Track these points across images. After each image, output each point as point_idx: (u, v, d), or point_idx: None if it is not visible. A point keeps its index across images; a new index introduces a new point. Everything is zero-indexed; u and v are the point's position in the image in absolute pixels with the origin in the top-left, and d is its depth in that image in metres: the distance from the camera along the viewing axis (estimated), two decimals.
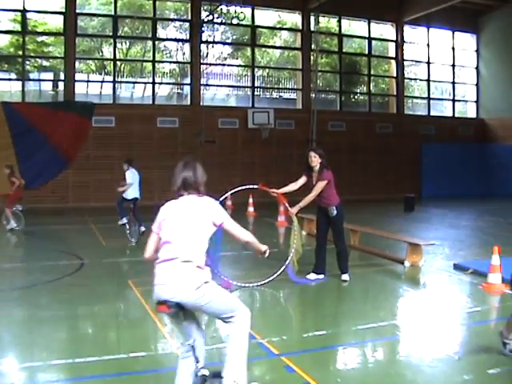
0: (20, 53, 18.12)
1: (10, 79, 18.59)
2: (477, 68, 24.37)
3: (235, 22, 17.59)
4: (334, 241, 7.48)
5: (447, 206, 18.16)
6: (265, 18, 21.36)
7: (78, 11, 18.34)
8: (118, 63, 19.76)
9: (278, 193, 7.31)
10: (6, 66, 18.67)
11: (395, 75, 22.86)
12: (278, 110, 20.19)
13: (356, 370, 4.50)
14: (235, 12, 17.15)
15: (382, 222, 13.40)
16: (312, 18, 20.97)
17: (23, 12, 17.80)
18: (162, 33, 20.15)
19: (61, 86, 18.64)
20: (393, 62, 23.04)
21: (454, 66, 24.14)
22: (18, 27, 18.05)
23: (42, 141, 17.15)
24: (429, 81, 23.77)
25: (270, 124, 19.74)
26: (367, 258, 9.30)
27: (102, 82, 19.71)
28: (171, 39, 20.47)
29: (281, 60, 22.55)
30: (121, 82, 19.94)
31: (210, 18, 18.33)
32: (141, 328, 5.55)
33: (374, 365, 4.67)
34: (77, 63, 18.72)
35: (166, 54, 20.65)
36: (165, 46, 20.64)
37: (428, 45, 23.50)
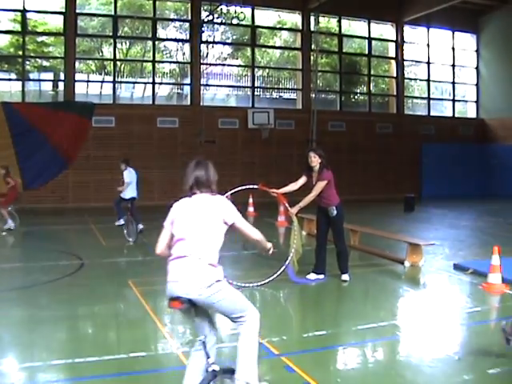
0: (20, 53, 18.12)
1: (10, 79, 18.59)
2: (477, 68, 24.37)
3: (235, 22, 17.58)
4: (334, 241, 7.48)
5: (447, 206, 18.16)
6: (265, 18, 21.36)
7: (78, 11, 18.35)
8: (118, 63, 19.76)
9: (278, 193, 7.31)
10: (6, 66, 18.67)
11: (395, 75, 22.86)
12: (278, 110, 20.18)
13: (356, 370, 4.50)
14: (235, 12, 17.14)
15: (382, 222, 13.40)
16: (312, 18, 20.97)
17: (23, 12, 17.80)
18: (162, 33, 20.15)
19: (61, 86, 18.64)
20: (393, 62, 23.04)
21: (453, 66, 24.14)
22: (18, 27, 18.05)
23: (42, 141, 17.15)
24: (429, 81, 23.77)
25: (269, 124, 19.74)
26: (367, 258, 9.30)
27: (102, 82, 19.71)
28: (171, 39, 20.47)
29: (281, 60, 22.55)
30: (121, 82, 19.95)
31: (210, 18, 18.32)
32: (141, 328, 5.55)
33: (374, 365, 4.67)
34: (77, 63, 18.72)
35: (166, 54, 20.65)
36: (165, 46, 20.64)
37: (428, 45, 23.51)
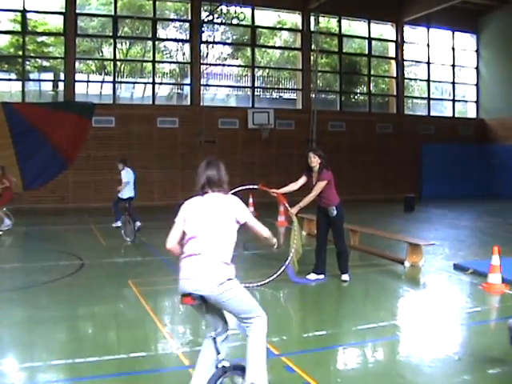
0: (20, 53, 18.12)
1: (10, 79, 18.59)
2: (477, 68, 24.37)
3: (235, 22, 17.57)
4: (334, 241, 7.48)
5: (447, 206, 18.17)
6: (265, 18, 21.36)
7: (78, 11, 18.35)
8: (118, 63, 19.76)
9: (278, 193, 7.30)
10: (6, 66, 18.67)
11: (395, 75, 22.86)
12: (278, 110, 20.19)
13: (356, 370, 4.50)
14: (235, 12, 17.13)
15: (382, 222, 13.40)
16: (312, 18, 20.98)
17: (23, 12, 17.80)
18: (162, 33, 20.15)
19: (61, 86, 18.63)
20: (393, 62, 23.04)
21: (454, 66, 24.15)
22: (18, 27, 18.05)
23: (42, 141, 17.15)
24: (429, 81, 23.77)
25: (269, 124, 19.74)
26: (367, 259, 9.31)
27: (102, 82, 19.70)
28: (171, 39, 20.47)
29: (281, 60, 22.54)
30: (121, 82, 19.95)
31: (210, 18, 18.32)
32: (141, 328, 5.55)
33: (374, 365, 4.67)
34: (77, 63, 18.72)
35: (166, 54, 20.65)
36: (165, 46, 20.64)
37: (428, 45, 23.51)
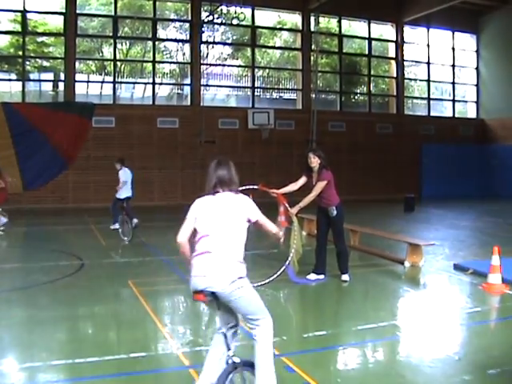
0: (20, 53, 18.13)
1: (10, 80, 18.60)
2: (477, 68, 24.38)
3: (235, 22, 17.58)
4: (334, 241, 7.48)
5: (447, 207, 18.17)
6: (265, 18, 21.38)
7: (78, 12, 18.36)
8: (118, 64, 19.77)
9: (278, 193, 7.30)
10: (7, 66, 18.69)
11: (395, 75, 22.86)
12: (278, 111, 20.19)
13: (356, 370, 4.50)
14: (235, 12, 17.14)
15: (382, 223, 13.40)
16: (312, 19, 20.98)
17: (23, 12, 17.81)
18: (162, 33, 20.16)
19: (61, 86, 18.64)
20: (393, 63, 23.04)
21: (453, 66, 24.15)
22: (18, 28, 18.06)
23: (42, 141, 17.16)
24: (429, 81, 23.78)
25: (270, 124, 19.75)
26: (367, 259, 9.31)
27: (102, 82, 19.71)
28: (171, 40, 20.48)
29: (281, 60, 22.55)
30: (121, 82, 19.96)
31: (210, 18, 18.33)
32: (141, 328, 5.55)
33: (374, 365, 4.67)
34: (77, 64, 18.73)
35: (166, 54, 20.65)
36: (165, 46, 20.65)
37: (428, 45, 23.51)
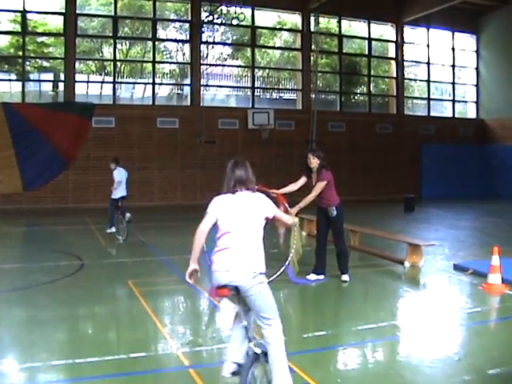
0: (20, 53, 18.14)
1: (10, 80, 18.62)
2: (477, 68, 24.39)
3: (235, 22, 17.59)
4: (334, 241, 7.48)
5: (447, 207, 18.17)
6: (265, 18, 21.40)
7: (78, 12, 18.38)
8: (118, 64, 19.78)
9: (278, 193, 7.28)
10: (6, 66, 18.70)
11: (395, 76, 22.87)
12: (278, 111, 20.19)
13: (356, 370, 4.50)
14: (235, 12, 17.15)
15: (382, 223, 13.40)
16: (312, 19, 20.99)
17: (23, 13, 17.82)
18: (162, 33, 20.17)
19: (61, 86, 18.66)
20: (393, 63, 23.05)
21: (453, 66, 24.16)
22: (18, 28, 18.07)
23: (42, 141, 17.16)
24: (429, 81, 23.79)
25: (269, 124, 19.75)
26: (367, 259, 9.31)
27: (102, 82, 19.72)
28: (171, 40, 20.49)
29: (281, 60, 22.56)
30: (121, 82, 19.97)
31: (210, 18, 18.34)
32: (141, 328, 5.55)
33: (374, 365, 4.67)
34: (77, 64, 18.75)
35: (166, 54, 20.66)
36: (165, 46, 20.66)
37: (428, 45, 23.52)
